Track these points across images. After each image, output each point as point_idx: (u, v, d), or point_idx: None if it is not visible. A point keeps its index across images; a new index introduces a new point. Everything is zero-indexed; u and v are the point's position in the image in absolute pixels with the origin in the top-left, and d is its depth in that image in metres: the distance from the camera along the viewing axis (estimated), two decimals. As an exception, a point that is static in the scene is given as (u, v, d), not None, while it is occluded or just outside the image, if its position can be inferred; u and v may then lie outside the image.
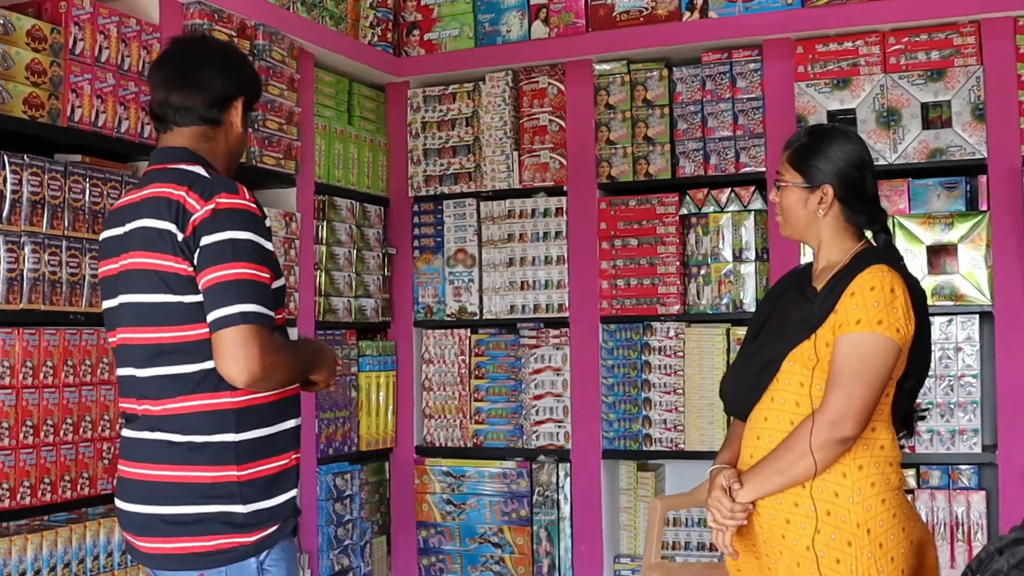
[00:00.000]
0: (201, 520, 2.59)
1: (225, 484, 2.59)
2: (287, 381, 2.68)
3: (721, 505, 2.89)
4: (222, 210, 2.55)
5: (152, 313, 2.61)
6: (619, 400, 5.05)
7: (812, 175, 2.96)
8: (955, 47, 4.59)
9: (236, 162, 2.91)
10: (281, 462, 2.70)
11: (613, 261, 5.09)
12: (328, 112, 5.12)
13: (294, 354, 2.70)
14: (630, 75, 5.12)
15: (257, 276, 2.55)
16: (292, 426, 2.77)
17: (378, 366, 5.29)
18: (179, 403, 2.60)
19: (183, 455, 2.60)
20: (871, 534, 2.76)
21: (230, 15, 4.27)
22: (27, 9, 3.61)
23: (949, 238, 4.55)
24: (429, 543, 5.32)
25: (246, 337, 2.49)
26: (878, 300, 2.78)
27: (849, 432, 2.74)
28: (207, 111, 2.77)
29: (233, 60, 2.89)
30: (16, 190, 3.34)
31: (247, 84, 2.87)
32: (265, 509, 2.64)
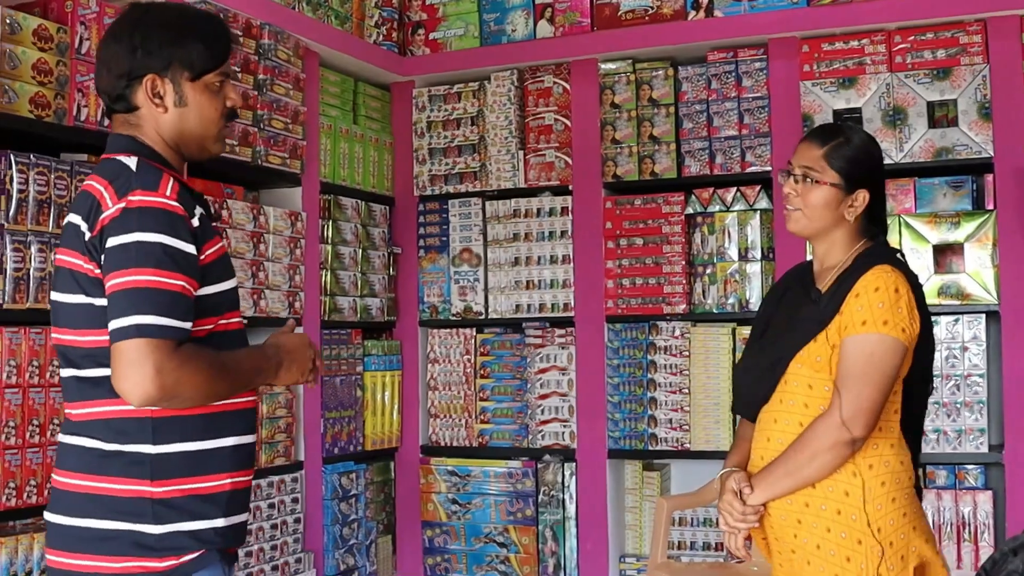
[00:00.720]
0: (109, 538, 2.33)
1: (136, 500, 2.33)
2: (204, 398, 2.35)
3: (732, 508, 2.89)
4: (132, 209, 2.29)
5: (68, 314, 2.39)
6: (624, 400, 5.05)
7: (852, 179, 2.93)
8: (961, 46, 4.59)
9: (195, 145, 2.55)
10: (210, 483, 2.40)
11: (619, 260, 5.09)
12: (333, 111, 5.12)
13: (215, 369, 2.35)
14: (635, 74, 5.11)
15: (162, 284, 2.26)
16: (232, 444, 2.46)
17: (383, 365, 5.29)
18: (94, 407, 2.37)
19: (94, 463, 2.36)
20: (881, 533, 2.76)
21: (236, 14, 4.27)
22: (33, 8, 3.61)
23: (955, 237, 4.55)
24: (434, 542, 5.32)
25: (140, 353, 2.21)
26: (883, 300, 2.78)
27: (859, 433, 2.74)
28: (114, 94, 2.49)
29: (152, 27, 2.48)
30: (22, 189, 3.34)
31: (172, 52, 2.46)
32: (182, 533, 2.35)
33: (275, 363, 2.56)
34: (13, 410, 3.29)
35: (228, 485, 2.44)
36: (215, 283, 2.43)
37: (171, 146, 2.51)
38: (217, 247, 2.46)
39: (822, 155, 2.95)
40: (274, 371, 2.56)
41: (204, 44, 2.50)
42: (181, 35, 2.48)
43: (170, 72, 2.46)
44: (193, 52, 2.48)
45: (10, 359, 3.29)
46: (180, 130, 2.50)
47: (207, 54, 2.50)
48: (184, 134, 2.51)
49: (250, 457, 2.55)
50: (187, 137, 2.52)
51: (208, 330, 2.43)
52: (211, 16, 2.65)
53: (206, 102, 2.52)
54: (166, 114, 2.48)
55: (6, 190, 3.30)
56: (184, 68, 2.47)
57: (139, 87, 2.46)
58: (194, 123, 2.51)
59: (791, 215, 3.00)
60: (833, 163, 2.94)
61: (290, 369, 2.59)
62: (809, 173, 2.95)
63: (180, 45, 2.47)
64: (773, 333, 3.01)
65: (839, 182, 2.92)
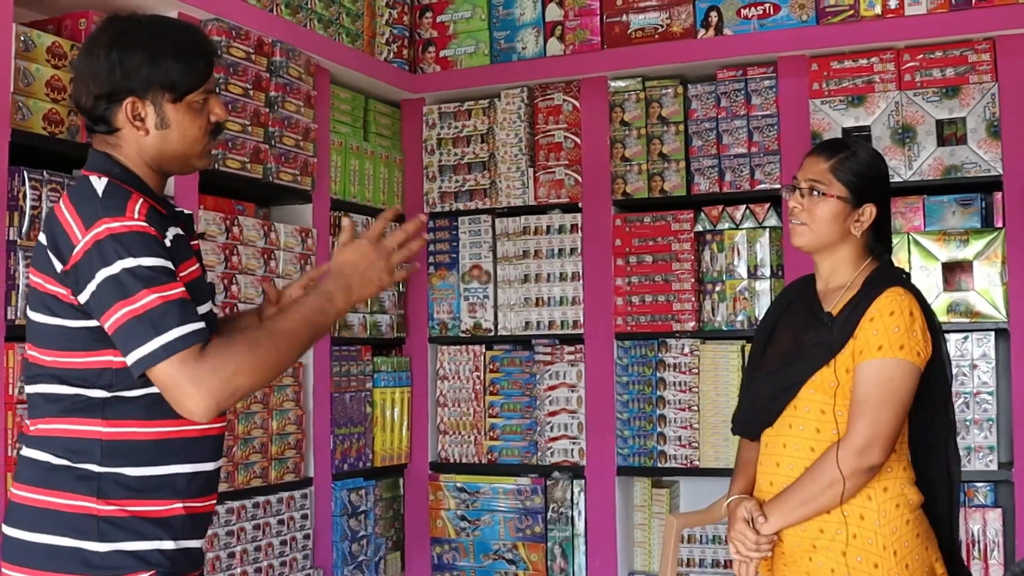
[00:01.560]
0: (56, 554, 2.29)
1: (82, 516, 2.28)
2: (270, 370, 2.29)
3: (745, 538, 2.86)
4: (103, 240, 2.22)
5: (36, 332, 2.36)
6: (634, 417, 5.05)
7: (860, 192, 2.91)
8: (970, 64, 4.60)
9: (178, 163, 2.49)
10: (162, 507, 2.35)
11: (628, 278, 5.09)
12: (344, 128, 5.13)
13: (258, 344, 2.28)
14: (645, 92, 5.13)
15: (164, 298, 2.21)
16: (189, 471, 2.39)
17: (393, 382, 5.29)
18: (48, 424, 2.33)
19: (44, 476, 2.32)
20: (897, 555, 2.74)
21: (247, 32, 4.29)
22: (47, 26, 3.64)
23: (964, 255, 4.55)
24: (443, 559, 5.32)
25: (176, 374, 2.18)
26: (898, 325, 2.76)
27: (877, 460, 2.73)
28: (94, 116, 2.41)
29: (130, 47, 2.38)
30: (35, 206, 3.36)
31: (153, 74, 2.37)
32: (128, 553, 2.29)
33: (339, 289, 2.44)
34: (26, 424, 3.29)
35: (181, 510, 2.38)
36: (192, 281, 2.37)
37: (151, 166, 2.45)
38: (192, 269, 2.41)
39: (828, 168, 2.94)
40: (343, 298, 2.44)
41: (186, 64, 2.41)
42: (162, 55, 2.39)
43: (150, 94, 2.38)
44: (174, 73, 2.39)
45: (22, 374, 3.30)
46: (162, 150, 2.43)
47: (189, 74, 2.41)
48: (166, 154, 2.44)
49: (209, 484, 2.48)
50: (169, 157, 2.45)
51: None
52: (193, 30, 2.57)
53: (188, 122, 2.44)
54: (147, 136, 2.40)
55: (19, 206, 3.32)
56: (165, 90, 2.39)
57: (119, 109, 2.38)
58: (176, 144, 2.43)
59: (796, 229, 2.97)
60: (840, 176, 2.92)
61: (363, 283, 2.47)
62: (816, 186, 2.93)
63: (161, 66, 2.38)
64: (783, 356, 2.98)
65: (846, 195, 2.91)
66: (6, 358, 3.28)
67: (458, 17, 5.50)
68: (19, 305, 3.31)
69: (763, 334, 3.11)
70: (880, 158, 3.04)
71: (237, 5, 4.26)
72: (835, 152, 2.97)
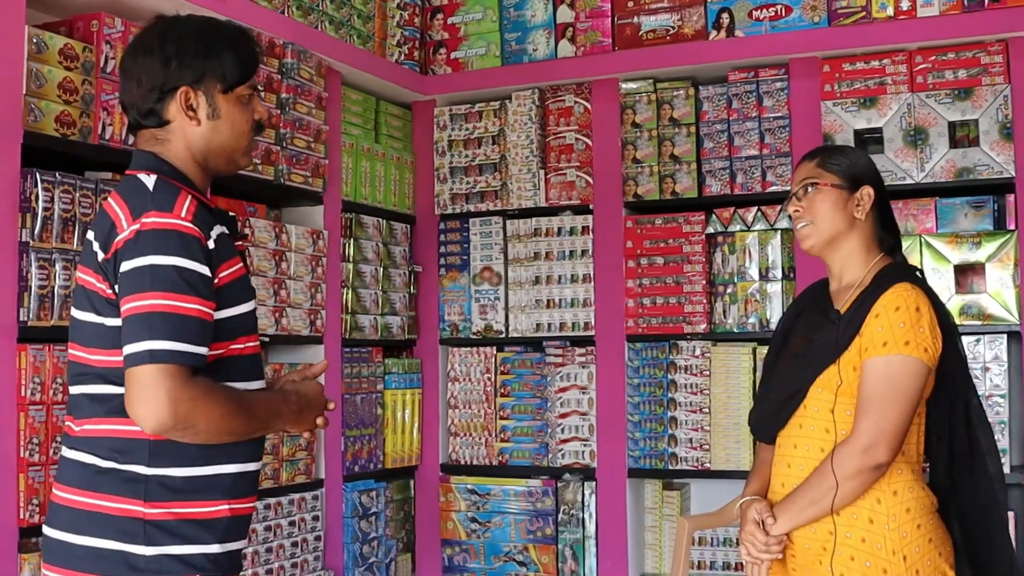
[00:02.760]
0: (100, 557, 2.30)
1: (128, 520, 2.30)
2: (219, 434, 2.32)
3: (755, 539, 2.86)
4: (146, 232, 2.26)
5: (82, 331, 2.39)
6: (645, 419, 5.04)
7: (851, 177, 2.95)
8: (982, 66, 4.58)
9: (225, 158, 2.54)
10: (205, 509, 2.37)
11: (639, 280, 5.09)
12: (355, 130, 5.14)
13: (233, 405, 2.33)
14: (656, 94, 5.12)
15: (177, 308, 2.24)
16: (235, 471, 2.43)
17: (404, 384, 5.29)
18: (94, 424, 2.36)
19: (90, 479, 2.34)
20: (907, 561, 2.73)
21: (259, 34, 4.30)
22: (59, 28, 3.64)
23: (976, 257, 4.54)
24: (454, 561, 5.32)
25: (154, 379, 2.19)
26: (904, 320, 2.75)
27: (883, 458, 2.71)
28: (145, 109, 2.46)
29: (184, 40, 2.47)
30: (48, 207, 3.36)
31: (206, 65, 2.45)
32: (172, 557, 2.32)
33: (294, 409, 2.56)
34: (37, 427, 3.31)
35: (226, 512, 2.41)
36: (231, 306, 2.41)
37: (198, 161, 2.50)
38: (235, 268, 2.44)
39: (816, 164, 3.00)
40: (292, 418, 2.56)
41: (236, 56, 2.50)
42: (214, 47, 2.47)
43: (203, 84, 2.46)
44: (226, 64, 2.47)
45: (35, 376, 3.31)
46: (211, 143, 2.49)
47: (239, 66, 2.50)
48: (215, 147, 2.50)
49: (252, 485, 2.52)
50: (217, 150, 2.51)
51: (217, 355, 2.39)
52: (241, 29, 2.64)
53: (238, 114, 2.51)
54: (199, 127, 2.47)
55: (32, 208, 3.32)
56: (217, 80, 2.47)
57: (171, 100, 2.45)
58: (226, 135, 2.50)
59: (801, 232, 3.00)
60: (830, 167, 2.98)
61: (307, 418, 2.60)
62: (809, 182, 2.97)
63: (213, 57, 2.46)
64: (792, 357, 2.99)
65: (839, 181, 2.95)
66: (18, 360, 3.29)
67: (469, 19, 5.50)
68: (31, 307, 3.32)
69: (778, 339, 3.12)
70: (863, 150, 3.12)
71: (249, 7, 4.27)
72: (818, 152, 3.06)
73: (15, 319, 3.29)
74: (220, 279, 2.37)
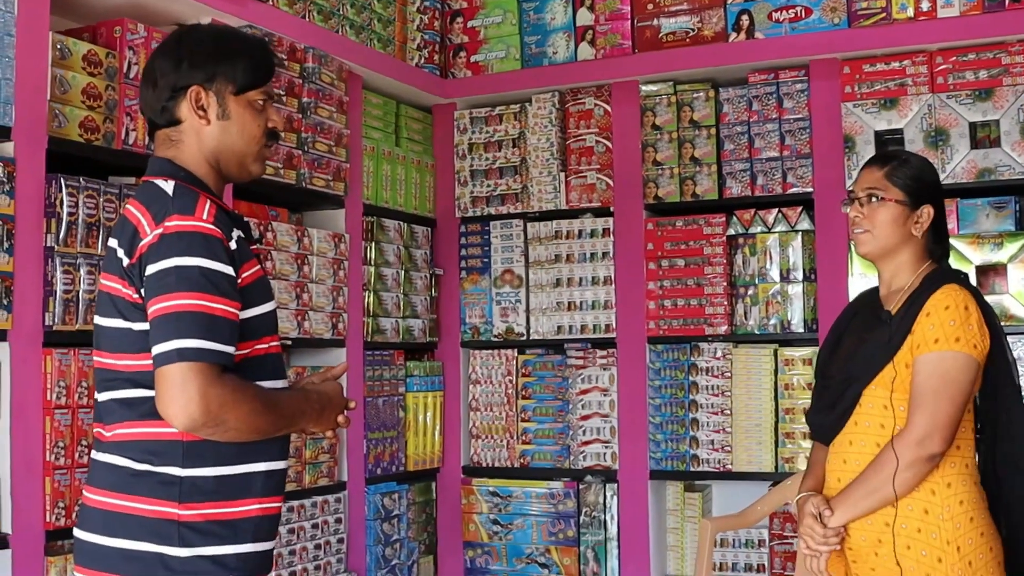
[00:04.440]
0: (135, 558, 2.33)
1: (163, 521, 2.33)
2: (249, 431, 2.35)
3: (813, 532, 2.92)
4: (170, 235, 2.30)
5: (108, 337, 2.41)
6: (666, 420, 5.05)
7: (915, 194, 2.99)
8: (1003, 66, 4.57)
9: (236, 162, 2.57)
10: (239, 508, 2.41)
11: (660, 282, 5.09)
12: (376, 134, 5.15)
13: (262, 403, 2.37)
14: (676, 96, 5.13)
15: (204, 307, 2.27)
16: (265, 469, 2.46)
17: (425, 386, 5.31)
18: (127, 428, 2.38)
19: (124, 482, 2.37)
20: (960, 551, 2.79)
21: (280, 38, 4.32)
22: (82, 34, 3.67)
23: (998, 258, 4.53)
24: (476, 563, 5.33)
25: (183, 377, 2.22)
26: (954, 318, 2.83)
27: (936, 449, 2.78)
28: (157, 107, 2.51)
29: (197, 42, 2.53)
30: (72, 212, 3.39)
31: (217, 66, 2.50)
32: (206, 558, 2.35)
33: (316, 408, 2.58)
34: (62, 431, 3.33)
35: (256, 511, 2.44)
36: (253, 306, 2.44)
37: (211, 164, 2.53)
38: (254, 270, 2.47)
39: (883, 175, 3.03)
40: (314, 416, 2.59)
41: (249, 60, 2.54)
42: (226, 50, 2.52)
43: (214, 84, 2.50)
44: (237, 66, 2.51)
45: (60, 380, 3.33)
46: (222, 143, 2.52)
47: (250, 70, 2.53)
48: (225, 149, 2.53)
49: (280, 484, 2.55)
50: (228, 152, 2.54)
51: (244, 354, 2.43)
52: (257, 38, 2.71)
53: (249, 118, 2.54)
54: (209, 127, 2.50)
55: (56, 213, 3.35)
56: (228, 82, 2.50)
57: (183, 99, 2.49)
58: (236, 137, 2.53)
59: (859, 237, 3.06)
60: (896, 181, 3.01)
61: (328, 418, 2.63)
62: (874, 193, 3.02)
63: (225, 59, 2.50)
64: (847, 358, 3.04)
65: (903, 199, 2.99)
66: (44, 364, 3.31)
67: (489, 22, 5.51)
68: (57, 312, 3.34)
69: (831, 341, 3.17)
70: (930, 164, 3.14)
71: (270, 12, 4.29)
72: (888, 161, 3.07)
73: (40, 323, 3.32)
74: (242, 280, 2.41)
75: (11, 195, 3.26)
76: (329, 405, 2.62)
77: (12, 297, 3.25)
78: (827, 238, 4.78)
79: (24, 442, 3.26)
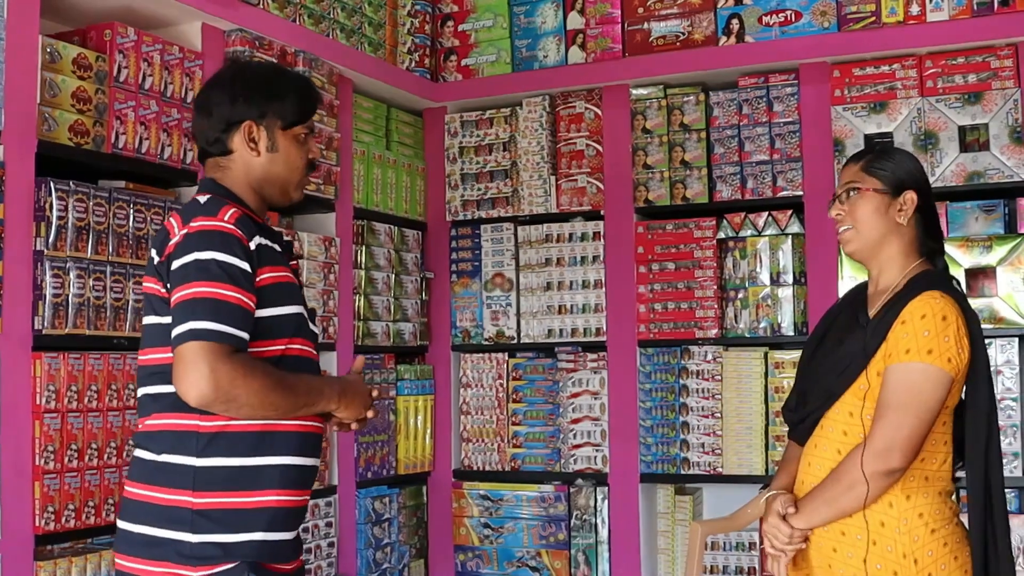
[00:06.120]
0: (155, 544, 2.51)
1: (178, 509, 2.50)
2: (262, 407, 2.49)
3: (779, 531, 2.88)
4: (193, 233, 2.51)
5: (148, 334, 2.63)
6: (657, 424, 5.05)
7: (895, 182, 2.92)
8: (992, 70, 4.59)
9: (279, 189, 2.79)
10: (252, 499, 2.55)
11: (650, 285, 5.09)
12: (367, 137, 5.15)
13: (273, 380, 2.50)
14: (667, 99, 5.13)
15: (218, 294, 2.45)
16: (281, 463, 2.60)
17: (416, 390, 5.31)
18: (153, 420, 2.58)
19: (148, 473, 2.56)
20: (918, 564, 2.73)
21: (271, 42, 4.32)
22: (73, 38, 3.67)
23: (987, 261, 4.54)
24: (467, 567, 5.33)
25: (195, 354, 2.39)
26: (929, 329, 2.74)
27: (896, 464, 2.71)
28: (212, 138, 2.74)
29: (251, 80, 2.77)
30: (62, 216, 3.39)
31: (269, 104, 2.73)
32: (216, 544, 2.50)
33: (338, 391, 2.70)
34: (52, 435, 3.33)
35: (272, 503, 2.58)
36: (275, 306, 2.61)
37: (255, 188, 2.76)
38: (281, 274, 2.65)
39: (860, 168, 2.97)
40: (336, 399, 2.69)
41: (298, 98, 2.78)
42: (279, 89, 2.76)
43: (265, 120, 2.73)
44: (287, 104, 2.75)
45: (49, 384, 3.33)
46: (268, 173, 2.75)
47: (298, 108, 2.77)
48: (271, 177, 2.76)
49: (302, 479, 2.69)
50: (273, 181, 2.77)
51: (279, 351, 2.63)
52: (304, 77, 2.97)
53: (294, 150, 2.77)
54: (259, 158, 2.73)
55: (46, 217, 3.35)
56: (278, 117, 2.74)
57: (236, 132, 2.72)
58: (282, 168, 2.76)
59: (843, 236, 2.98)
60: (872, 171, 2.94)
61: (353, 403, 2.74)
62: (851, 187, 2.95)
63: (276, 97, 2.74)
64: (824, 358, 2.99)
65: (881, 187, 2.92)
66: (33, 367, 3.31)
67: (480, 26, 5.52)
68: (46, 315, 3.34)
69: (814, 339, 3.11)
70: (910, 155, 3.05)
71: (260, 15, 4.29)
72: (864, 154, 3.03)
73: (30, 327, 3.32)
74: (262, 279, 2.58)
75: (0, 199, 3.26)
76: (351, 390, 2.75)
77: (1, 301, 3.25)
78: (817, 241, 4.78)
79: (13, 446, 3.26)
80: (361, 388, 2.79)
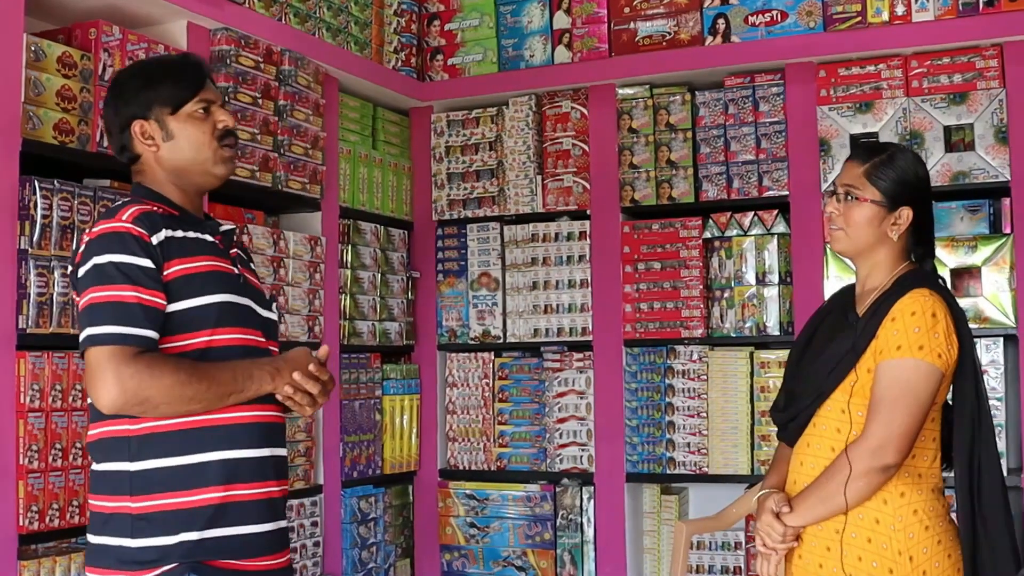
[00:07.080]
0: (102, 552, 2.52)
1: (119, 516, 2.49)
2: (179, 402, 2.44)
3: (772, 529, 2.87)
4: (93, 239, 2.49)
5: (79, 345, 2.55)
6: (643, 423, 5.05)
7: (894, 196, 2.90)
8: (977, 70, 4.60)
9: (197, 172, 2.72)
10: (192, 497, 2.50)
11: (636, 284, 5.10)
12: (353, 137, 5.15)
13: (185, 374, 2.44)
14: (653, 99, 5.13)
15: (114, 296, 2.42)
16: (221, 458, 2.54)
17: (402, 389, 5.30)
18: (93, 430, 2.58)
19: (94, 482, 2.58)
20: (913, 561, 2.73)
21: (256, 41, 4.31)
22: (57, 36, 3.65)
23: (973, 261, 4.55)
24: (453, 566, 5.33)
25: (96, 361, 2.38)
26: (919, 325, 2.75)
27: (891, 460, 2.72)
28: (118, 149, 2.74)
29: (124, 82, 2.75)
30: (46, 215, 3.37)
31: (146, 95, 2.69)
32: (154, 547, 2.46)
33: (269, 371, 2.60)
34: (36, 434, 3.31)
35: (217, 499, 2.53)
36: (189, 298, 2.55)
37: (175, 183, 2.72)
38: (198, 264, 2.59)
39: (863, 172, 2.93)
40: (270, 379, 2.59)
41: (173, 79, 2.71)
42: (151, 78, 2.72)
43: (152, 113, 2.69)
44: (164, 89, 2.69)
45: (33, 383, 3.31)
46: (176, 161, 2.70)
47: (177, 88, 2.70)
48: (180, 164, 2.71)
49: (262, 470, 2.63)
50: (184, 166, 2.71)
51: (202, 343, 2.56)
52: (177, 56, 2.93)
53: (192, 130, 2.70)
54: (159, 151, 2.70)
55: (30, 216, 3.34)
56: (162, 106, 2.69)
57: (131, 136, 2.70)
58: (185, 151, 2.70)
59: (833, 235, 2.98)
60: (874, 180, 2.91)
61: (284, 372, 2.59)
62: (850, 191, 2.93)
63: (150, 87, 2.69)
64: (813, 358, 2.99)
65: (880, 199, 2.90)
66: (17, 367, 3.30)
67: (466, 25, 5.51)
68: (30, 314, 3.33)
69: (803, 339, 3.11)
70: (918, 162, 3.00)
71: (246, 14, 4.28)
72: (871, 156, 2.97)
73: (14, 326, 3.30)
74: (170, 273, 2.53)
75: (-16, 197, 3.25)
76: (285, 364, 2.62)
77: (-15, 300, 3.23)
78: (803, 241, 4.79)
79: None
80: (299, 360, 2.63)
